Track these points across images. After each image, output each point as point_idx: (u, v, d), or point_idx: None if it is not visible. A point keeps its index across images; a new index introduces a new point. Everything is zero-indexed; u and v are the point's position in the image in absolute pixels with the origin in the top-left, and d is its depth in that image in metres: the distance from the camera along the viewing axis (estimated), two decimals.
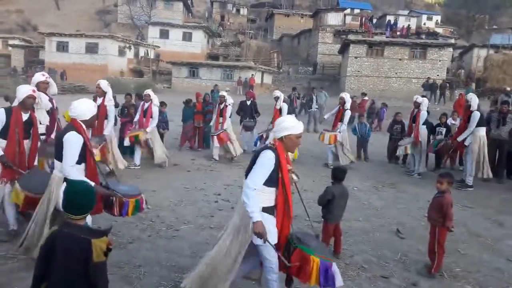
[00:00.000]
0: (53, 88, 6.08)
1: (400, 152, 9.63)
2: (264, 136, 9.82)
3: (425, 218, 4.70)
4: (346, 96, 9.74)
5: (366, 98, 18.62)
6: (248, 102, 11.62)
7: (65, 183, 3.63)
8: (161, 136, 10.05)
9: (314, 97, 17.07)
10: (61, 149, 3.68)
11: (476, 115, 8.09)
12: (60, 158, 3.72)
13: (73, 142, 3.66)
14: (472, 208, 7.02)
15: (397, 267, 4.62)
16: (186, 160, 9.84)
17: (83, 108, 3.83)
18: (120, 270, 4.10)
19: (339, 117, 9.57)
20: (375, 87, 28.76)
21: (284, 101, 10.24)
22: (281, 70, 38.78)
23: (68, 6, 58.87)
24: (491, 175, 8.35)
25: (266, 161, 3.20)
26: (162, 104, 10.26)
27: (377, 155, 11.17)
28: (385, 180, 8.72)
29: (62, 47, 36.12)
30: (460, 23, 58.65)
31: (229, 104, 10.09)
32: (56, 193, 3.77)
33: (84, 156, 3.78)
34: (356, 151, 10.97)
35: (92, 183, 3.54)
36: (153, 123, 8.61)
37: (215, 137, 9.73)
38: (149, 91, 9.04)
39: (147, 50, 40.33)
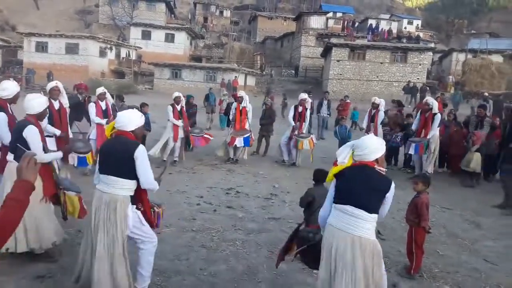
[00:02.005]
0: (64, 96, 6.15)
1: None
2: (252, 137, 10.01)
3: (405, 220, 4.77)
4: (306, 97, 10.20)
5: (348, 100, 18.79)
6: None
7: (130, 202, 3.46)
8: (144, 137, 9.94)
9: (326, 102, 16.31)
10: (127, 165, 3.39)
11: (439, 117, 8.76)
12: (124, 175, 3.41)
13: (146, 155, 3.48)
14: (450, 209, 7.16)
15: None
16: (168, 162, 9.74)
17: (127, 118, 3.51)
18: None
19: (303, 118, 9.97)
20: (357, 90, 29.07)
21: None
22: (264, 73, 38.86)
23: (48, 6, 57.81)
24: (430, 170, 8.92)
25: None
26: (144, 105, 10.17)
27: None
28: None
29: (42, 48, 35.42)
30: (439, 27, 59.88)
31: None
32: (124, 215, 3.43)
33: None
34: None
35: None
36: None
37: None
38: (104, 89, 8.51)
39: (128, 51, 39.90)
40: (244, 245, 5.06)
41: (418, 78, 28.64)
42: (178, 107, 9.48)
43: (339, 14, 50.92)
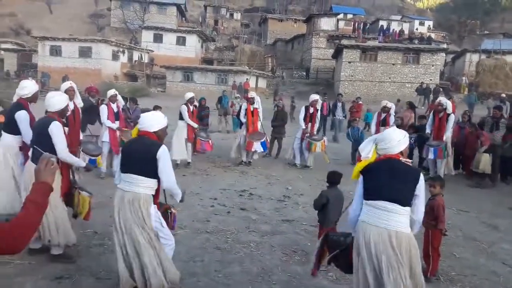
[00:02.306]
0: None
1: None
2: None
3: None
4: (317, 98, 10.17)
5: (361, 102, 18.70)
6: None
7: (153, 204, 3.53)
8: None
9: (340, 104, 16.16)
10: (149, 165, 3.45)
11: (453, 118, 8.79)
12: (146, 174, 3.47)
13: (169, 156, 3.55)
14: (467, 212, 7.07)
15: None
16: (181, 164, 9.78)
17: (150, 120, 3.58)
18: (115, 275, 4.06)
19: (314, 120, 9.88)
20: (369, 91, 28.90)
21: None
22: (276, 75, 38.88)
23: (61, 10, 58.67)
24: (453, 172, 8.99)
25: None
26: (157, 107, 10.23)
27: None
28: None
29: (55, 51, 35.90)
30: (451, 28, 59.28)
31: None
32: (147, 213, 3.49)
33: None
34: (351, 155, 11.00)
35: None
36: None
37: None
38: (116, 91, 8.41)
39: (141, 54, 40.26)
40: (258, 247, 5.06)
41: (431, 79, 28.38)
42: (191, 108, 9.52)
43: (349, 16, 50.77)
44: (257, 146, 9.65)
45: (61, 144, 4.05)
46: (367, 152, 3.19)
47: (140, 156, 3.48)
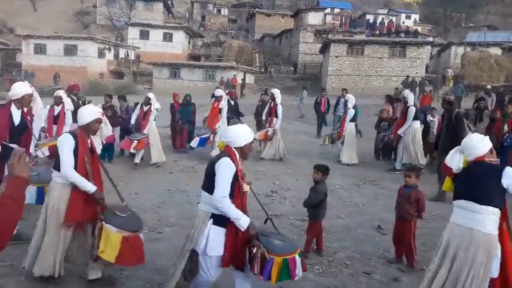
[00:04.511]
0: (37, 102, 4.90)
1: (321, 142, 10.80)
2: (211, 139, 9.54)
3: (402, 215, 4.76)
4: (276, 92, 10.24)
5: None
6: (232, 102, 11.61)
7: (211, 220, 3.18)
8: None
9: (343, 100, 14.69)
10: (210, 179, 3.16)
11: (412, 110, 8.85)
12: (207, 189, 3.21)
13: (227, 169, 3.09)
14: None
15: (379, 262, 4.69)
16: (168, 161, 9.74)
17: (235, 133, 3.26)
18: (102, 274, 4.04)
19: (273, 113, 10.03)
20: (356, 85, 29.00)
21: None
22: (268, 70, 38.84)
23: (46, 8, 57.77)
24: (423, 162, 8.95)
25: None
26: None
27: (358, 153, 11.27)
28: (366, 177, 8.82)
29: (40, 50, 35.43)
30: (437, 21, 59.75)
31: (155, 109, 8.98)
32: (199, 232, 3.23)
33: (233, 191, 3.15)
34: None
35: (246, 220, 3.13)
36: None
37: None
38: (60, 92, 7.89)
39: (127, 51, 39.90)
40: None
41: (417, 72, 28.63)
42: (145, 108, 8.97)
43: (336, 10, 50.84)
44: (194, 142, 9.64)
45: (62, 160, 3.58)
46: (457, 164, 3.35)
47: (208, 170, 3.26)
